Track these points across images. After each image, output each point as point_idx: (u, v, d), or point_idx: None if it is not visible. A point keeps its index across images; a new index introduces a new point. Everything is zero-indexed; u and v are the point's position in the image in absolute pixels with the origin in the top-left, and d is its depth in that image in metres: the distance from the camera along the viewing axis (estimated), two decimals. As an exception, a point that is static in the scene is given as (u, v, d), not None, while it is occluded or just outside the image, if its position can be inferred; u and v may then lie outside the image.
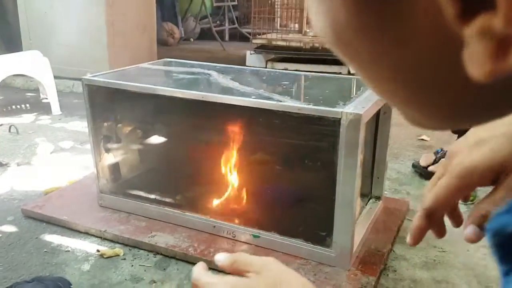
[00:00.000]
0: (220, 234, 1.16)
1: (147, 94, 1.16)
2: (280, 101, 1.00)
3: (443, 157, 1.59)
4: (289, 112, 0.98)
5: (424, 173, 1.59)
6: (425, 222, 0.43)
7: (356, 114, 0.90)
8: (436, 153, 1.62)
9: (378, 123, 1.22)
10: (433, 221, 0.43)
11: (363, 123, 0.91)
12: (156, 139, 1.26)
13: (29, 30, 2.90)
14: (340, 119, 0.92)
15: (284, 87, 1.23)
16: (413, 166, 1.63)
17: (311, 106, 0.96)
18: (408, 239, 0.46)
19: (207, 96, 1.08)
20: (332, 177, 0.96)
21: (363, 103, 0.97)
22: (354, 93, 1.07)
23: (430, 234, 1.26)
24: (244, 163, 1.13)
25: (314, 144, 1.01)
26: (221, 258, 0.44)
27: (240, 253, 0.47)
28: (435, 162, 1.59)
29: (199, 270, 0.44)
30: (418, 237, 0.44)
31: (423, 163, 1.61)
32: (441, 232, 0.47)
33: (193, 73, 1.34)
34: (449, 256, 1.12)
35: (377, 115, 1.20)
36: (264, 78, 1.33)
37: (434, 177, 0.44)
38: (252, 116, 1.05)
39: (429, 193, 0.42)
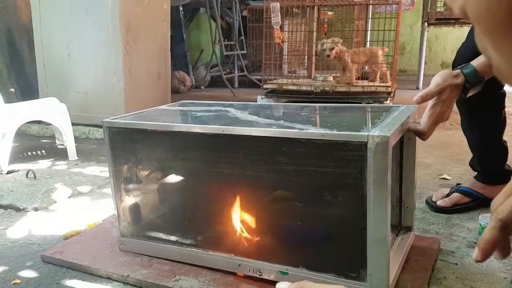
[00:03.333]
0: (245, 273, 1.12)
1: (167, 132, 1.15)
2: (302, 129, 0.99)
3: (455, 192, 1.56)
4: (313, 139, 0.96)
5: (433, 208, 1.56)
6: (499, 234, 0.40)
7: (383, 136, 0.88)
8: (451, 188, 1.59)
9: (402, 151, 1.20)
10: (507, 234, 0.40)
11: (391, 146, 0.89)
12: (177, 179, 1.24)
13: (46, 78, 2.97)
14: (366, 142, 0.90)
15: (304, 117, 1.22)
16: (426, 202, 1.61)
17: (335, 132, 0.94)
18: (475, 255, 0.43)
19: (228, 129, 1.06)
20: (361, 204, 0.93)
21: (388, 127, 0.96)
22: (377, 119, 1.05)
23: (466, 274, 1.21)
24: (267, 195, 1.11)
25: (341, 172, 0.98)
26: (284, 286, 0.42)
27: (305, 280, 0.44)
28: (446, 196, 1.56)
29: None
30: (489, 252, 0.41)
31: (434, 197, 1.59)
32: (506, 250, 0.44)
33: (211, 111, 1.35)
34: (487, 297, 1.07)
35: (401, 142, 1.18)
36: (283, 111, 1.32)
37: (507, 187, 0.42)
38: (274, 147, 1.03)
39: (504, 204, 0.40)
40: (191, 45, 5.38)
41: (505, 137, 1.53)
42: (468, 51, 1.35)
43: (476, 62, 1.15)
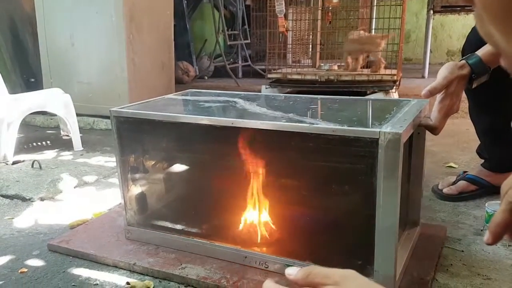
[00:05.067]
0: (251, 265, 1.12)
1: (175, 123, 1.15)
2: (313, 124, 0.98)
3: (462, 179, 1.55)
4: (323, 134, 0.95)
5: (439, 195, 1.56)
6: (510, 217, 0.40)
7: (395, 133, 0.88)
8: (458, 175, 1.59)
9: (411, 145, 1.19)
10: None
11: (402, 143, 0.89)
12: (183, 169, 1.24)
13: (50, 69, 2.96)
14: (378, 139, 0.89)
15: (314, 110, 1.21)
16: (432, 190, 1.60)
17: (346, 127, 0.94)
18: (486, 237, 0.43)
19: (237, 121, 1.06)
20: (371, 201, 0.93)
21: (399, 122, 0.95)
22: (388, 114, 1.04)
23: (473, 261, 1.20)
24: (275, 189, 1.11)
25: (351, 167, 0.98)
26: (293, 271, 0.41)
27: (314, 265, 0.44)
28: (453, 184, 1.56)
29: (271, 284, 0.41)
30: (500, 235, 0.41)
31: (440, 185, 1.58)
32: None
33: (219, 101, 1.34)
34: (494, 284, 1.06)
35: (410, 136, 1.17)
36: (291, 103, 1.31)
37: None
38: (284, 140, 1.03)
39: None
40: (194, 35, 5.36)
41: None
42: (477, 36, 1.33)
43: (481, 52, 1.14)
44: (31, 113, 2.26)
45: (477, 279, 1.08)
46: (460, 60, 1.15)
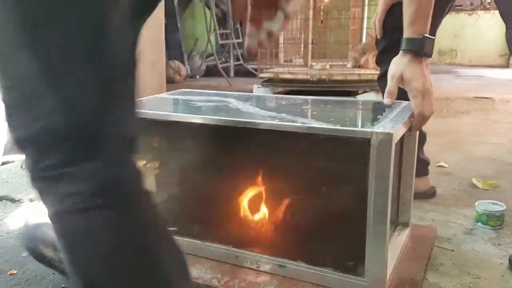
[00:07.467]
0: (243, 265, 1.12)
1: (167, 121, 1.14)
2: (305, 123, 0.98)
3: None
4: (316, 133, 0.95)
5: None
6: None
7: (387, 133, 0.88)
8: None
9: (402, 146, 1.19)
10: None
11: (394, 143, 0.89)
12: (176, 168, 1.24)
13: (40, 68, 2.94)
14: (370, 139, 0.89)
15: (306, 111, 1.21)
16: None
17: (338, 127, 0.94)
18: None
19: (229, 121, 1.06)
20: (362, 201, 0.93)
21: (391, 123, 0.95)
22: (380, 115, 1.05)
23: (463, 260, 1.21)
24: (268, 189, 1.10)
25: (343, 167, 0.98)
26: None
27: None
28: None
29: None
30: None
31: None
32: None
33: (211, 101, 1.34)
34: (483, 283, 1.07)
35: (401, 137, 1.18)
36: (284, 103, 1.31)
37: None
38: (276, 140, 1.03)
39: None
40: (185, 34, 5.34)
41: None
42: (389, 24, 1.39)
43: (406, 31, 1.12)
44: (20, 113, 2.23)
45: (467, 278, 1.09)
46: (400, 51, 1.14)
